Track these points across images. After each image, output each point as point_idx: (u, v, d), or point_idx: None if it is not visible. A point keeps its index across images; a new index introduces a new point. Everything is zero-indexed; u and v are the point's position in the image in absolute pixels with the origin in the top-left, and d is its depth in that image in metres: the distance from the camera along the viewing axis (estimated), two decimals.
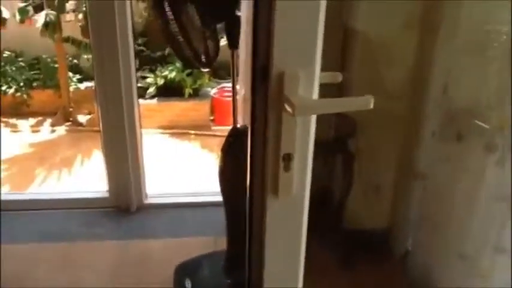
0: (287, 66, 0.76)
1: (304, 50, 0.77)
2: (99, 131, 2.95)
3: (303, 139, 0.81)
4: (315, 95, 0.81)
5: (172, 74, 5.61)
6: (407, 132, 2.37)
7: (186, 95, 5.67)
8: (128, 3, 2.55)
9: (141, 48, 5.79)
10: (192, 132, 5.55)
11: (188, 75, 5.64)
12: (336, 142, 2.28)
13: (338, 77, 1.01)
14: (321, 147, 2.23)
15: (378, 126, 2.36)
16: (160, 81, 5.66)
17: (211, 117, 5.73)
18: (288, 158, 0.81)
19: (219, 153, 1.93)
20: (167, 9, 1.37)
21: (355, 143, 2.39)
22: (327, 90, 0.95)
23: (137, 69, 5.63)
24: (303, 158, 0.83)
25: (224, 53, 1.75)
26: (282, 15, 0.74)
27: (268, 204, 0.84)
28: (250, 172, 0.87)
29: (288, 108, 0.75)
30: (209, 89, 5.86)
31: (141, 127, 2.97)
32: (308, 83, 0.78)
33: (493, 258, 1.89)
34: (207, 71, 5.44)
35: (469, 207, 1.90)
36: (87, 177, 4.45)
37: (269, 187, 0.83)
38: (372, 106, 0.79)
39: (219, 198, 1.99)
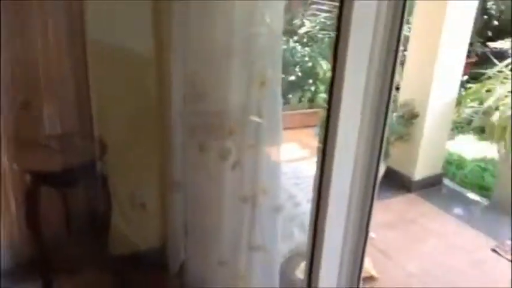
0: None
1: None
2: None
3: None
4: None
5: None
6: (162, 146, 2.32)
7: None
8: None
9: None
10: None
11: None
12: (85, 167, 2.12)
13: None
14: (68, 175, 2.07)
15: (132, 143, 2.27)
16: None
17: None
18: None
19: None
20: None
21: (109, 164, 2.26)
22: None
23: None
24: None
25: None
26: None
27: None
28: None
29: None
30: None
31: None
32: None
33: (249, 257, 1.94)
34: None
35: (219, 213, 1.92)
36: None
37: None
38: None
39: None
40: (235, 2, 1.74)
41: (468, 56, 3.89)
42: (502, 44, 6.33)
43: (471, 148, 4.77)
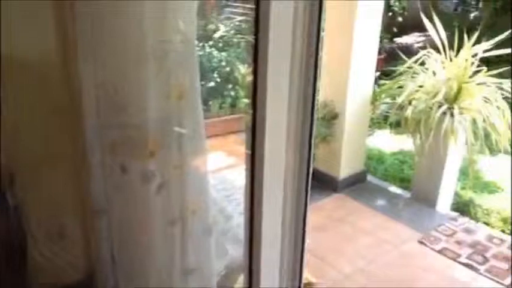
0: None
1: None
2: None
3: None
4: None
5: None
6: (77, 165, 2.15)
7: None
8: None
9: None
10: None
11: None
12: None
13: None
14: None
15: (42, 165, 2.07)
16: None
17: None
18: None
19: None
20: None
21: (19, 191, 2.05)
22: None
23: None
24: None
25: None
26: None
27: None
28: None
29: None
30: None
31: None
32: None
33: (183, 281, 1.84)
34: None
35: (147, 238, 1.81)
36: None
37: None
38: None
39: None
40: (144, 8, 1.64)
41: (378, 53, 4.02)
42: (407, 39, 6.68)
43: (389, 142, 4.94)
